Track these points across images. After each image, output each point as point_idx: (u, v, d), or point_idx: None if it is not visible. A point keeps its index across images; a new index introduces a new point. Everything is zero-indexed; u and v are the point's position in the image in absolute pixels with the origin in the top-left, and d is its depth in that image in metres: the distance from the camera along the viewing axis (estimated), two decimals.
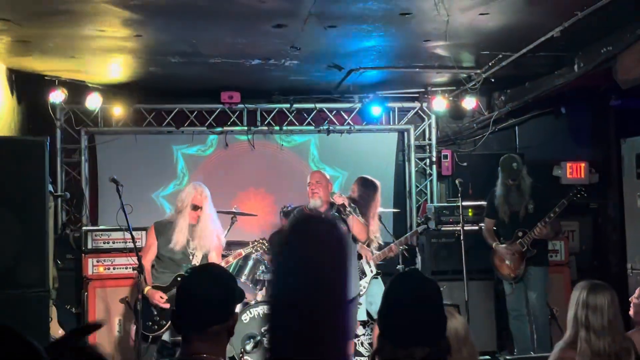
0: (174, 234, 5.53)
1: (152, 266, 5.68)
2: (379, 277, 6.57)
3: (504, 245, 6.63)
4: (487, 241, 6.79)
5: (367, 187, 6.63)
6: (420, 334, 2.23)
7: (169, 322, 5.39)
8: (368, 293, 6.48)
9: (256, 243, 6.29)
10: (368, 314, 6.49)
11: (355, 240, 5.87)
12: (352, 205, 5.95)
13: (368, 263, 6.44)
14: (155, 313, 5.48)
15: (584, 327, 3.44)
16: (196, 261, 5.60)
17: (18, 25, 5.65)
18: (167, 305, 5.42)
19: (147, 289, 5.44)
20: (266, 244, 6.32)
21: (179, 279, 5.41)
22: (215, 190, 6.10)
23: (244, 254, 6.31)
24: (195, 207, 5.55)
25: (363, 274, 6.40)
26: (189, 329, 2.37)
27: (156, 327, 5.47)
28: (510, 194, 6.62)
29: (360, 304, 6.42)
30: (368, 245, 6.59)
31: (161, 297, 5.40)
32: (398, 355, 2.21)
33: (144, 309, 5.40)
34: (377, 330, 2.32)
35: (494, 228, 6.84)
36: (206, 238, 5.61)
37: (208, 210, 5.65)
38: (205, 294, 2.39)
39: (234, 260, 6.25)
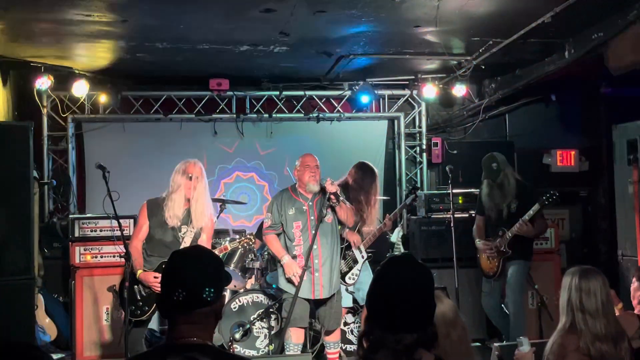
0: (169, 208, 5.41)
1: (143, 249, 5.55)
2: (367, 261, 6.48)
3: (483, 242, 6.58)
4: (474, 238, 6.72)
5: (365, 173, 6.51)
6: (409, 320, 2.18)
7: (153, 306, 5.32)
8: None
9: (243, 239, 6.17)
10: (354, 300, 6.44)
11: (342, 224, 5.81)
12: (343, 192, 5.90)
13: (358, 248, 6.33)
14: (139, 298, 5.40)
15: (580, 310, 3.45)
16: (185, 244, 5.47)
17: (2, 10, 5.56)
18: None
19: (139, 272, 5.33)
20: (253, 240, 6.21)
21: (164, 266, 5.26)
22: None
23: (229, 248, 6.19)
24: (190, 177, 5.42)
25: (355, 262, 6.32)
26: (176, 312, 2.30)
27: (139, 312, 5.39)
28: (493, 192, 6.52)
29: (353, 292, 6.37)
30: (359, 233, 6.47)
31: (155, 277, 5.23)
32: (386, 339, 2.17)
33: (129, 295, 5.31)
34: (365, 313, 2.28)
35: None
36: (199, 214, 5.44)
37: (203, 184, 5.49)
38: (193, 274, 2.32)
39: (219, 253, 6.08)
